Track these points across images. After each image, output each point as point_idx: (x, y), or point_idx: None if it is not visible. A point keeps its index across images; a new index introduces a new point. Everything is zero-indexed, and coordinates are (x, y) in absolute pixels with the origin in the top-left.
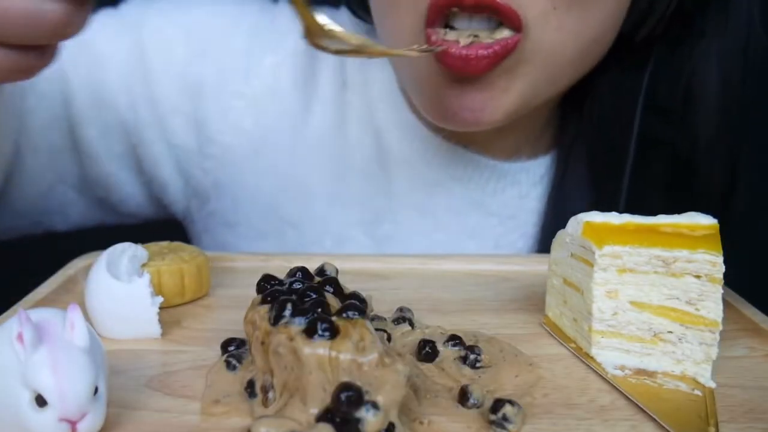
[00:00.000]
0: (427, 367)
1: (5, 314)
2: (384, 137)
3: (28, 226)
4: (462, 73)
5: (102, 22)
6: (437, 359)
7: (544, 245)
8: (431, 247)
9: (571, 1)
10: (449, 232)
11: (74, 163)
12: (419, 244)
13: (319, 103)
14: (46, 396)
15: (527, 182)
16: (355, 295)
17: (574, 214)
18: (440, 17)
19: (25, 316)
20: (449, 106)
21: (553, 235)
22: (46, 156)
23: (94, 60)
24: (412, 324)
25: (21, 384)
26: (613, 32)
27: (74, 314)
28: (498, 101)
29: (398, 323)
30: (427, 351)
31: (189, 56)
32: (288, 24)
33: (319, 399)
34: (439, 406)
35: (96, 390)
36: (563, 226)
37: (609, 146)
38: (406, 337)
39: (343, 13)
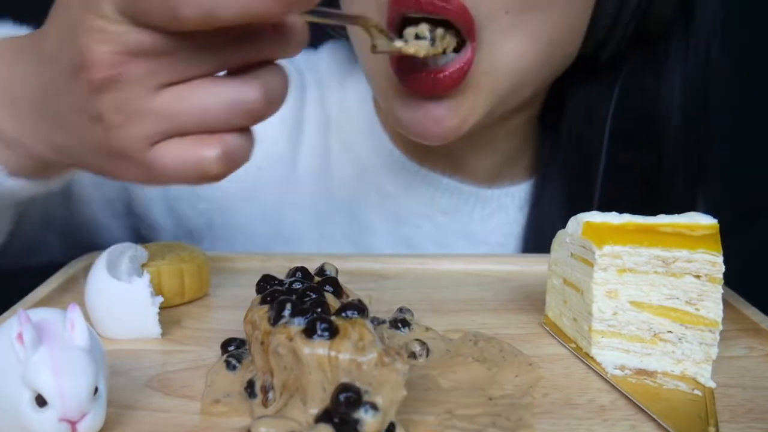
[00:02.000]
0: None
1: (5, 314)
2: (369, 173)
3: (4, 264)
4: (431, 93)
5: None
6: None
7: None
8: None
9: (523, 4)
10: None
11: (63, 208)
12: None
13: (304, 146)
14: (46, 396)
15: (513, 207)
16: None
17: (552, 236)
18: (397, 18)
19: (24, 316)
20: (409, 126)
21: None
22: (40, 205)
23: None
24: (409, 324)
25: (21, 384)
26: (574, 37)
27: (74, 314)
28: (466, 117)
29: (394, 327)
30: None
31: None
32: None
33: (318, 399)
34: None
35: (96, 390)
36: (541, 247)
37: (581, 168)
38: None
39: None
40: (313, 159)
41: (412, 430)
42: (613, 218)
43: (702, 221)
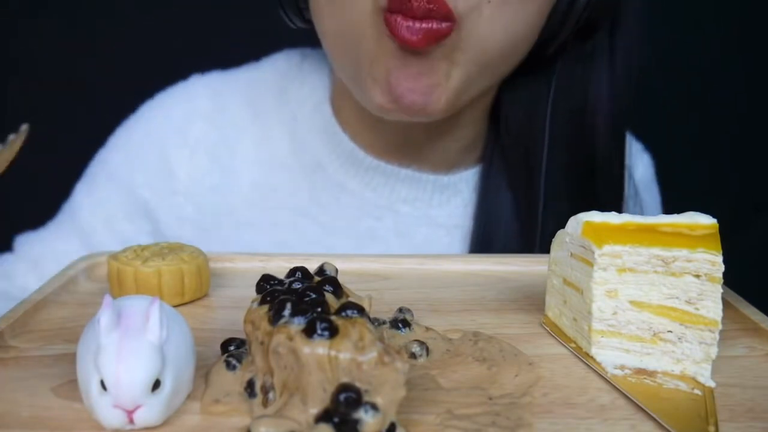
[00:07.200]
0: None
1: (7, 313)
2: (326, 171)
3: None
4: (404, 41)
5: None
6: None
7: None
8: None
9: None
10: (401, 251)
11: None
12: None
13: (242, 169)
14: (105, 380)
15: (468, 190)
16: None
17: (499, 219)
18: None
19: (107, 301)
20: (398, 88)
21: (479, 241)
22: None
23: None
24: (409, 324)
25: (94, 366)
26: (536, 34)
27: (152, 308)
28: (442, 87)
29: (395, 327)
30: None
31: (122, 191)
32: (185, 117)
33: (318, 399)
34: None
35: (158, 384)
36: (490, 231)
37: (524, 153)
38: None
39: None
40: (256, 176)
41: (412, 430)
42: (613, 218)
43: (702, 221)
